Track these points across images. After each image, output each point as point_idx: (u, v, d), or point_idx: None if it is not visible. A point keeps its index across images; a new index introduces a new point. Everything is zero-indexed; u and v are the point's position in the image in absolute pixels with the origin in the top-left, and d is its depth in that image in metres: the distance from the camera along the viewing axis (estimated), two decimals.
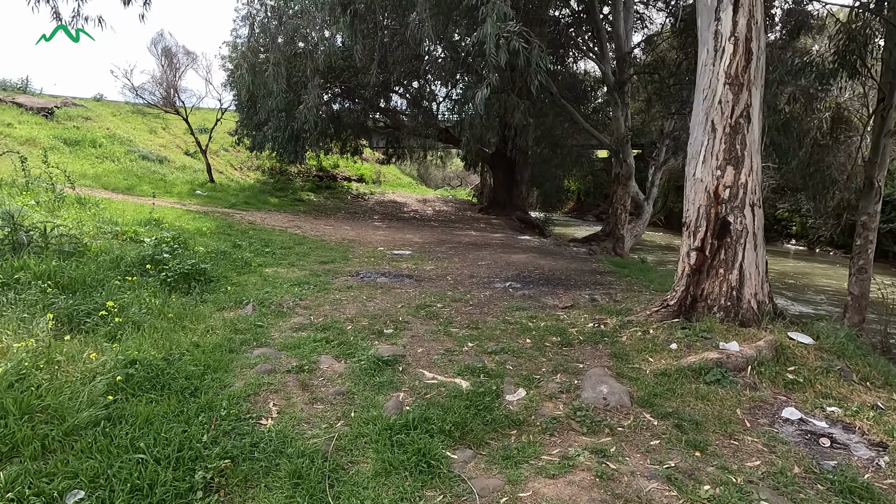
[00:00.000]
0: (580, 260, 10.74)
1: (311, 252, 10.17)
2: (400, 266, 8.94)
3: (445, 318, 5.29)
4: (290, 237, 11.57)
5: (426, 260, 9.68)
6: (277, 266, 8.34)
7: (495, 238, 14.18)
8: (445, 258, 9.94)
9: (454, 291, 6.68)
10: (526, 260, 9.95)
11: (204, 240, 9.51)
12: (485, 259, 9.92)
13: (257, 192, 19.04)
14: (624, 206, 15.53)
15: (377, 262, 9.26)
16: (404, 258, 9.91)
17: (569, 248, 14.66)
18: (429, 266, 9.03)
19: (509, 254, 10.89)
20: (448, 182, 46.87)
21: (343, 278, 7.33)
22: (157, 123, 21.39)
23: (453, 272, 8.35)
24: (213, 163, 21.14)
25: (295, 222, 14.20)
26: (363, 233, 13.65)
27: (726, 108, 4.62)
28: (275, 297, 5.68)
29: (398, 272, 8.15)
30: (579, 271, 8.87)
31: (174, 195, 15.65)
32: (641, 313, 4.98)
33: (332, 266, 8.65)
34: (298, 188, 21.35)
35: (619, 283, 7.83)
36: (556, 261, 10.20)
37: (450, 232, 15.12)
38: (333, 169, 24.39)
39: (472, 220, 18.78)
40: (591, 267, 9.64)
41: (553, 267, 9.15)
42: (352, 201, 21.13)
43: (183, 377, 3.26)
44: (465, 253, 10.75)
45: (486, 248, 11.71)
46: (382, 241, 12.51)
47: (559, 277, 7.99)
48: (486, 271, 8.45)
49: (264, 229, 12.20)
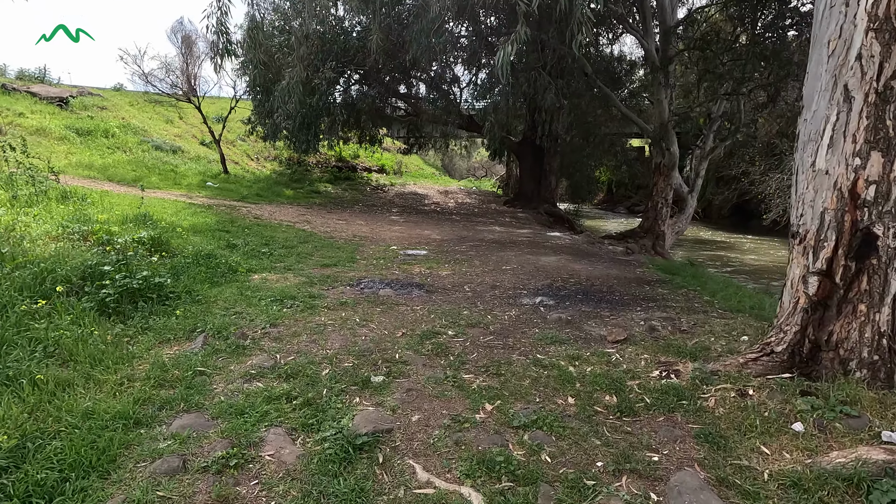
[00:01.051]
0: (620, 264, 9.20)
1: (315, 252, 8.94)
2: (411, 271, 7.62)
3: (457, 356, 3.92)
4: (296, 234, 10.37)
5: (443, 262, 8.33)
6: (269, 271, 7.13)
7: (522, 235, 12.71)
8: (465, 260, 8.56)
9: (471, 310, 5.31)
10: (558, 264, 8.49)
11: (196, 238, 8.39)
12: (510, 262, 8.51)
13: (272, 184, 17.98)
14: (665, 199, 13.81)
15: (386, 266, 7.95)
16: (418, 260, 8.58)
17: (603, 246, 13.08)
18: (445, 271, 7.68)
19: (538, 255, 9.43)
20: (473, 173, 45.32)
21: (339, 289, 6.03)
22: (174, 113, 20.52)
23: (473, 280, 6.97)
24: (229, 153, 20.19)
25: (306, 216, 13.03)
26: (378, 228, 12.38)
27: (870, 67, 3.07)
28: (242, 320, 4.41)
29: (408, 280, 6.82)
30: (623, 280, 7.36)
31: (183, 187, 14.68)
32: (730, 361, 3.50)
33: (332, 271, 7.39)
34: (316, 179, 20.21)
35: (674, 297, 6.31)
36: (592, 265, 8.70)
37: (472, 227, 13.72)
38: (353, 159, 23.18)
39: (497, 214, 17.31)
40: (636, 273, 8.11)
41: (591, 274, 7.67)
42: (370, 193, 19.89)
43: (21, 493, 2.00)
44: (487, 253, 9.35)
45: (512, 248, 10.28)
46: (397, 238, 11.21)
47: (600, 290, 6.51)
48: (511, 279, 7.03)
49: (269, 225, 11.05)
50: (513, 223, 15.45)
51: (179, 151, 18.19)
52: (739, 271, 15.22)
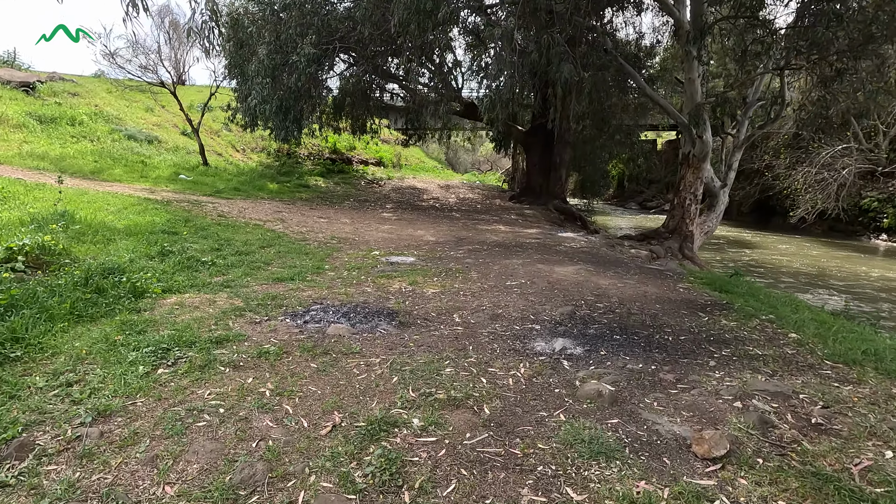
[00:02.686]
0: (653, 275, 7.22)
1: (275, 260, 7.06)
2: (388, 288, 5.71)
3: (419, 491, 2.05)
4: (261, 236, 8.49)
5: (431, 275, 6.41)
6: (198, 289, 5.26)
7: (530, 236, 10.75)
8: (460, 271, 6.64)
9: (458, 364, 3.39)
10: (577, 276, 6.53)
11: (125, 243, 6.53)
12: (516, 273, 6.57)
13: (256, 177, 16.10)
14: (694, 195, 11.78)
15: (357, 280, 6.05)
16: (401, 271, 6.67)
17: (624, 249, 11.10)
18: (432, 288, 5.77)
19: (550, 263, 7.48)
20: (478, 166, 43.30)
21: (274, 323, 4.14)
22: (156, 101, 18.67)
23: (466, 304, 5.04)
24: (212, 144, 18.35)
25: (282, 214, 11.14)
26: (363, 228, 10.47)
27: None
28: (58, 404, 2.53)
29: (378, 304, 4.91)
30: (667, 303, 5.40)
31: (150, 180, 12.82)
32: None
33: (284, 288, 5.51)
34: (306, 172, 18.32)
35: (750, 334, 4.35)
36: (620, 278, 6.73)
37: (473, 227, 11.77)
38: (349, 151, 21.25)
39: (502, 211, 15.34)
40: (679, 292, 6.13)
41: (622, 293, 5.71)
42: (365, 187, 17.97)
43: None
44: (488, 261, 7.42)
45: (519, 253, 8.33)
46: (383, 240, 9.31)
47: (643, 321, 4.56)
48: (518, 302, 5.10)
49: (232, 225, 9.17)
50: (519, 221, 13.48)
51: (156, 141, 16.34)
52: (777, 275, 13.19)
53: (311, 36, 10.99)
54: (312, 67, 11.26)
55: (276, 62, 11.40)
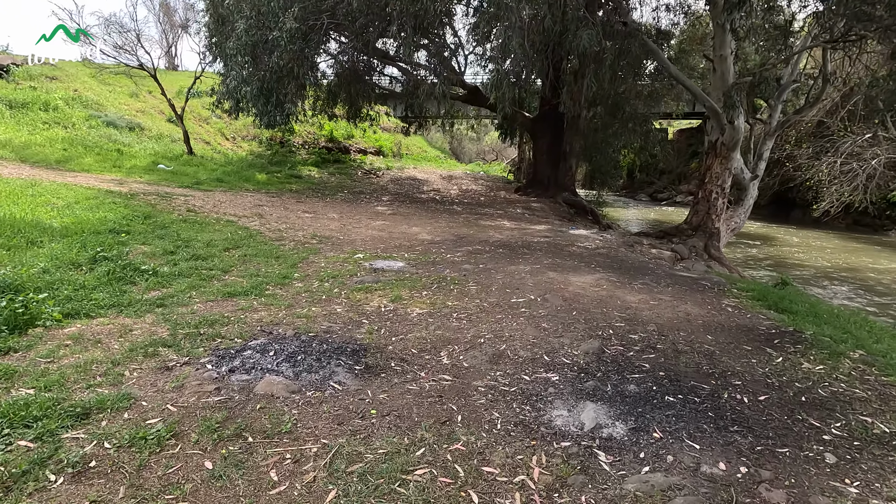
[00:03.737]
0: (689, 287, 5.91)
1: (236, 266, 5.84)
2: (363, 308, 4.48)
3: None
4: (231, 235, 7.27)
5: (420, 287, 5.17)
6: (121, 309, 4.07)
7: (538, 234, 9.45)
8: (455, 283, 5.38)
9: (436, 456, 2.16)
10: (599, 291, 5.25)
11: (56, 245, 5.36)
12: (524, 285, 5.31)
13: (244, 167, 14.86)
14: (722, 187, 10.41)
15: (328, 296, 4.82)
16: (385, 281, 5.42)
17: (643, 247, 9.78)
18: (418, 307, 4.52)
19: (565, 271, 6.20)
20: (483, 156, 41.81)
21: (185, 372, 2.91)
22: (138, 86, 17.37)
23: (459, 336, 3.79)
24: (200, 132, 17.10)
25: (263, 208, 9.90)
26: (351, 224, 9.22)
27: None
28: None
29: (342, 336, 3.67)
30: (720, 332, 4.12)
31: (123, 170, 11.61)
32: None
33: (230, 308, 4.30)
34: (299, 162, 17.04)
35: (854, 389, 3.07)
36: (650, 291, 5.44)
37: (475, 222, 10.49)
38: (346, 140, 19.92)
39: (507, 204, 14.03)
40: (728, 313, 4.83)
41: (660, 318, 4.42)
42: (361, 178, 16.67)
43: None
44: (490, 268, 6.15)
45: (526, 256, 7.05)
46: (372, 239, 8.05)
47: (700, 369, 3.29)
48: (527, 333, 3.85)
49: (201, 221, 7.95)
50: (526, 216, 12.18)
51: (138, 129, 15.11)
52: (808, 275, 11.82)
53: (294, 9, 9.64)
54: (296, 44, 9.93)
55: (255, 39, 10.08)
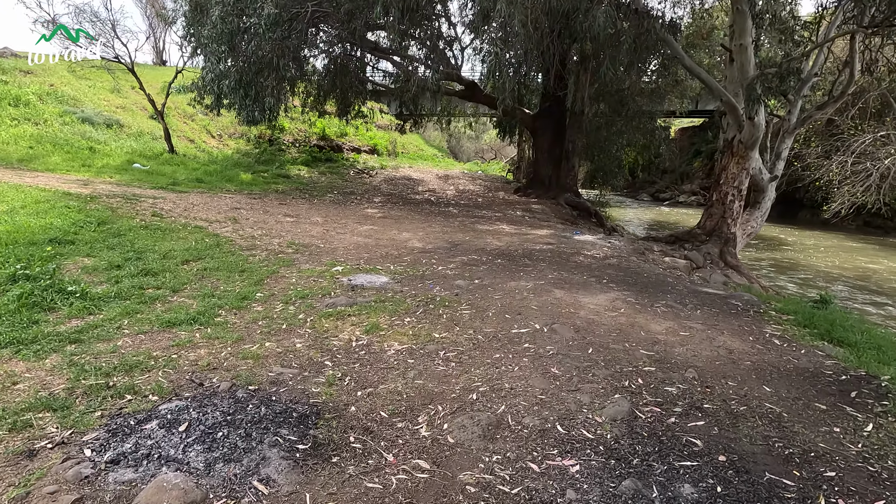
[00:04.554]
0: (719, 308, 5.00)
1: (190, 283, 4.94)
2: (329, 343, 3.58)
3: None
4: (195, 244, 6.35)
5: (403, 312, 4.26)
6: (13, 350, 3.17)
7: (540, 239, 8.54)
8: (446, 305, 4.47)
9: None
10: (616, 317, 4.34)
11: None
12: (527, 311, 4.40)
13: (229, 166, 13.92)
14: (738, 189, 9.50)
15: (289, 324, 3.92)
16: (360, 304, 4.52)
17: (654, 254, 8.87)
18: (397, 342, 3.63)
19: (574, 288, 5.29)
20: (481, 155, 40.85)
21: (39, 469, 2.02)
22: (116, 80, 16.38)
23: (445, 389, 2.89)
24: (184, 129, 16.15)
25: (241, 212, 8.98)
26: (336, 229, 8.30)
27: None
28: None
29: (292, 391, 2.76)
30: (779, 380, 3.22)
31: (93, 170, 10.67)
32: None
33: (161, 345, 3.42)
34: (288, 161, 16.10)
35: None
36: (676, 315, 4.54)
37: (471, 226, 9.58)
38: (339, 138, 18.97)
39: (506, 205, 13.12)
40: (778, 348, 3.92)
41: (698, 357, 3.51)
42: (353, 178, 15.74)
43: None
44: (486, 285, 5.24)
45: (528, 269, 6.14)
46: (357, 247, 7.13)
47: (771, 448, 2.37)
48: (532, 386, 2.94)
49: (165, 228, 7.02)
50: (526, 219, 11.27)
51: (116, 125, 14.15)
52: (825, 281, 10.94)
53: None
54: (277, 32, 8.99)
55: (233, 27, 9.14)
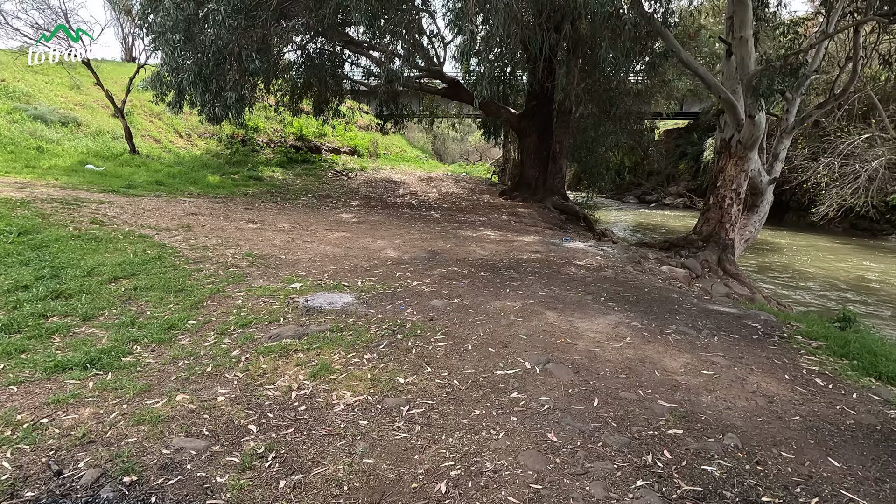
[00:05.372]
0: (739, 334, 4.24)
1: (111, 307, 4.03)
2: (263, 391, 2.71)
3: None
4: (135, 256, 5.43)
5: (363, 346, 3.41)
6: None
7: (528, 247, 7.74)
8: (417, 336, 3.63)
9: None
10: (623, 349, 3.54)
11: None
12: (514, 341, 3.59)
13: (195, 168, 12.91)
14: (737, 192, 8.84)
15: (215, 365, 3.05)
16: (312, 333, 3.66)
17: (649, 262, 8.15)
18: (349, 392, 2.77)
19: (569, 310, 4.49)
20: (466, 157, 40.10)
21: None
22: (87, 78, 15.18)
23: (403, 472, 2.03)
24: (150, 128, 15.06)
25: (198, 218, 8.03)
26: (303, 237, 7.40)
27: None
28: None
29: (195, 470, 1.89)
30: (840, 441, 2.46)
31: (38, 171, 9.61)
32: None
33: (31, 406, 2.48)
34: (262, 162, 15.12)
35: None
36: (692, 345, 3.77)
37: (453, 233, 8.76)
38: (318, 138, 18.02)
39: (491, 209, 12.34)
40: (821, 389, 3.16)
41: (733, 412, 2.70)
42: (331, 180, 14.82)
43: None
44: (468, 305, 4.42)
45: (515, 284, 5.34)
46: (323, 258, 6.25)
47: None
48: (524, 460, 2.11)
49: (102, 237, 6.06)
50: (512, 224, 10.48)
51: (73, 123, 13.04)
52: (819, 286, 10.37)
53: None
54: (238, 20, 8.07)
55: (189, 12, 8.19)
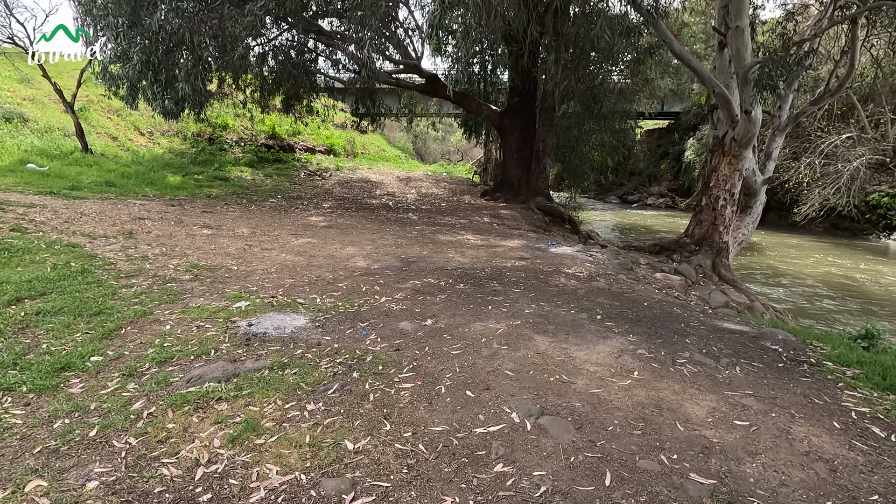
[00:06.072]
0: (762, 360, 3.59)
1: (3, 339, 3.18)
2: (158, 470, 1.91)
3: None
4: (53, 269, 4.55)
5: (307, 389, 2.63)
6: None
7: (512, 254, 7.04)
8: (378, 375, 2.84)
9: None
10: (634, 391, 2.84)
11: None
12: (498, 382, 2.85)
13: (155, 167, 11.90)
14: (731, 192, 8.31)
15: (104, 426, 2.21)
16: (245, 373, 2.86)
17: (640, 267, 7.54)
18: (276, 468, 1.95)
19: (562, 334, 3.79)
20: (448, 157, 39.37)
21: None
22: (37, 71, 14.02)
23: None
24: (109, 125, 13.94)
25: (144, 223, 7.11)
26: (262, 244, 6.57)
27: None
28: None
29: None
30: None
31: None
32: None
33: None
34: (230, 161, 14.14)
35: None
36: (716, 385, 3.09)
37: (431, 237, 8.01)
38: (292, 137, 17.07)
39: (472, 211, 11.63)
40: (882, 444, 2.56)
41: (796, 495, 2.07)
42: (303, 180, 13.93)
43: None
44: (443, 330, 3.68)
45: (497, 299, 4.61)
46: (280, 268, 5.44)
47: None
48: None
49: (20, 248, 5.14)
50: (494, 227, 9.79)
51: (19, 119, 11.91)
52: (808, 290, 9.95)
53: None
54: (189, 3, 7.18)
55: None
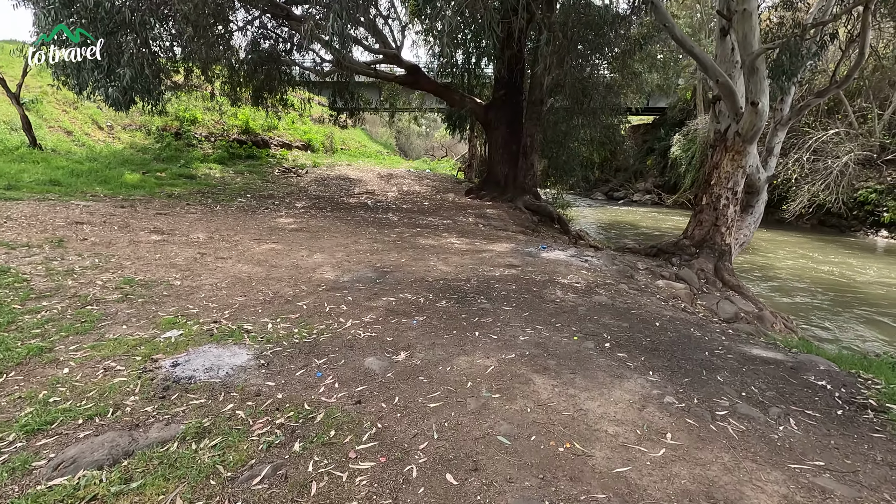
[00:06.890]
0: (816, 408, 2.88)
1: None
2: None
3: None
4: None
5: (224, 474, 1.79)
6: None
7: (500, 261, 6.26)
8: (327, 442, 1.98)
9: None
10: (675, 474, 2.05)
11: None
12: (492, 449, 2.04)
13: (112, 164, 10.83)
14: (733, 191, 7.67)
15: None
16: (140, 453, 1.97)
17: (644, 277, 6.85)
18: None
19: (567, 373, 3.02)
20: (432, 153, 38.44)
21: None
22: None
23: None
24: (64, 118, 12.77)
25: (81, 228, 6.16)
26: (217, 253, 5.68)
27: None
28: None
29: None
30: None
31: None
32: None
33: None
34: (198, 158, 13.10)
35: None
36: (774, 450, 2.34)
37: (411, 241, 7.20)
38: (267, 132, 16.04)
39: (456, 210, 10.84)
40: None
41: None
42: (277, 178, 12.96)
43: None
44: (418, 369, 2.88)
45: (486, 320, 3.83)
46: (234, 283, 4.58)
47: None
48: None
49: None
50: (480, 228, 9.02)
51: None
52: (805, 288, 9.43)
53: None
54: None
55: None
